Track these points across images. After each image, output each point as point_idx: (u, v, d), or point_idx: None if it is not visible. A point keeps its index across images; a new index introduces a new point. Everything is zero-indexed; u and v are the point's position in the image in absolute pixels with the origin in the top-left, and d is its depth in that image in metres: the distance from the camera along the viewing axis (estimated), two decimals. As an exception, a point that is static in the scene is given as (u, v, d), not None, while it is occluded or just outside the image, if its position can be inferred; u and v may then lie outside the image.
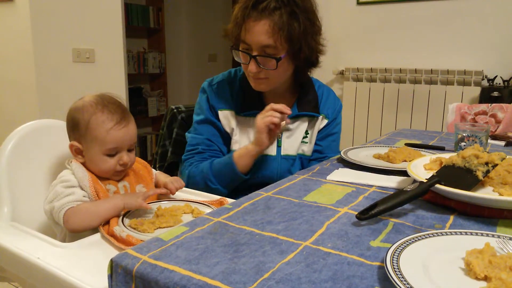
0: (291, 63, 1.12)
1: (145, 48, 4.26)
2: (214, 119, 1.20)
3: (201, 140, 1.20)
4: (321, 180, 0.89)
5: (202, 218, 0.66)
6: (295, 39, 1.06)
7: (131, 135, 0.91)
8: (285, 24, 1.04)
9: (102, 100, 0.89)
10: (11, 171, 0.94)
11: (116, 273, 0.52)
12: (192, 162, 1.19)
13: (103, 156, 0.88)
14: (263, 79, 1.12)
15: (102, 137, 0.86)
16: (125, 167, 0.91)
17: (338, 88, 3.21)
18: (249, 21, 1.05)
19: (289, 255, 0.53)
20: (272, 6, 1.04)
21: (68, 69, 2.81)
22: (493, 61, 2.62)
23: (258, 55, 1.07)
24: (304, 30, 1.07)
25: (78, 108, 0.89)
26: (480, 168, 0.73)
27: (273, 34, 1.04)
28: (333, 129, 1.27)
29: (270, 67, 1.08)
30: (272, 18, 1.04)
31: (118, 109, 0.90)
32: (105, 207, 0.81)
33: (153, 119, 4.37)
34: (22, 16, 2.82)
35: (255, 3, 1.05)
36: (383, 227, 0.63)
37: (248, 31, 1.06)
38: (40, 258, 0.69)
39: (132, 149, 0.92)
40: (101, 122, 0.87)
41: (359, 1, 3.01)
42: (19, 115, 3.07)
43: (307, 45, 1.09)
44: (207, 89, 1.22)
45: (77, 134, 0.89)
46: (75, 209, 0.81)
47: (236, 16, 1.08)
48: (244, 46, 1.09)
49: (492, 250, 0.50)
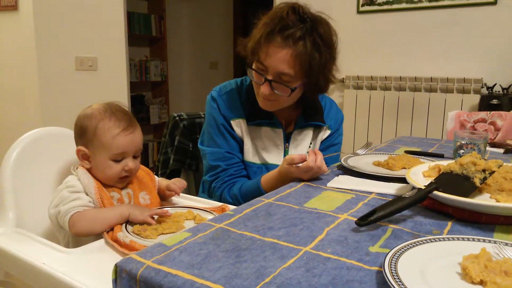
0: (302, 90, 1.12)
1: (147, 56, 4.30)
2: (230, 129, 1.19)
3: (221, 155, 1.19)
4: (322, 187, 0.90)
5: (204, 224, 0.67)
6: (313, 73, 1.06)
7: (137, 142, 0.93)
8: (307, 57, 1.03)
9: (110, 108, 0.92)
10: (16, 178, 0.96)
11: (120, 277, 0.53)
12: (220, 183, 1.18)
13: (109, 162, 0.90)
14: (272, 101, 1.11)
15: (109, 142, 0.89)
16: (130, 174, 0.92)
17: (339, 96, 3.23)
18: (272, 45, 1.03)
19: (289, 260, 0.54)
20: (298, 35, 1.02)
21: (71, 77, 2.84)
22: (492, 69, 2.64)
23: (274, 80, 1.06)
24: (324, 64, 1.06)
25: (87, 115, 0.91)
26: (477, 175, 0.74)
27: (294, 65, 1.03)
28: (335, 140, 1.28)
29: (283, 93, 1.07)
30: (296, 48, 1.02)
31: (125, 116, 0.92)
32: (111, 214, 0.83)
33: (155, 126, 4.39)
34: (26, 25, 2.85)
35: (282, 29, 1.03)
36: (382, 233, 0.64)
37: (269, 56, 1.04)
38: (45, 264, 0.70)
39: (137, 156, 0.94)
40: (108, 128, 0.89)
41: (359, 10, 3.04)
42: (23, 122, 3.10)
43: (323, 77, 1.09)
44: (218, 99, 1.20)
45: (85, 140, 0.91)
46: (81, 214, 0.83)
47: (259, 36, 1.05)
48: (260, 66, 1.07)
49: (488, 255, 0.51)
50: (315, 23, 1.05)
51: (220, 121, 1.19)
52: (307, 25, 1.04)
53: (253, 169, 1.20)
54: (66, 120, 0.96)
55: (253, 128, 1.20)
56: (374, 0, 2.97)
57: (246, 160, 1.21)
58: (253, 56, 1.09)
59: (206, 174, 1.23)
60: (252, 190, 1.12)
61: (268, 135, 1.20)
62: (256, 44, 1.07)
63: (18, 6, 2.92)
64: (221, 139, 1.19)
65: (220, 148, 1.19)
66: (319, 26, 1.05)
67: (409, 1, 2.84)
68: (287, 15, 1.04)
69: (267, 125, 1.19)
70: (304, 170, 0.95)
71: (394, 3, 2.89)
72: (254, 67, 1.10)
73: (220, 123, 1.19)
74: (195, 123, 1.52)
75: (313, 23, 1.04)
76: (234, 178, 1.18)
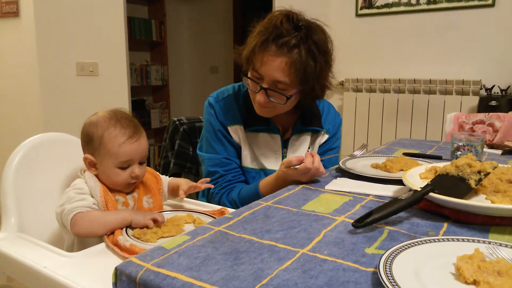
0: (298, 97, 1.13)
1: (147, 61, 4.32)
2: (227, 135, 1.20)
3: (219, 161, 1.20)
4: (320, 190, 0.91)
5: (203, 227, 0.68)
6: (309, 80, 1.06)
7: (143, 149, 0.94)
8: (302, 65, 1.03)
9: (115, 115, 0.93)
10: (18, 184, 0.97)
11: (120, 280, 0.54)
12: (218, 189, 1.19)
13: (116, 169, 0.91)
14: (268, 108, 1.12)
15: (115, 151, 0.90)
16: (137, 180, 0.94)
17: (338, 98, 3.24)
18: (267, 54, 1.04)
19: (286, 262, 0.55)
20: (292, 43, 1.02)
21: (72, 83, 2.86)
22: (490, 71, 2.65)
23: (269, 88, 1.07)
24: (319, 71, 1.07)
25: (93, 123, 0.93)
26: (473, 176, 0.75)
27: (289, 74, 1.04)
28: (333, 144, 1.29)
29: (278, 101, 1.08)
30: (290, 56, 1.02)
31: (130, 124, 0.93)
32: (113, 217, 0.84)
33: (156, 130, 4.41)
34: (27, 31, 2.88)
35: (276, 37, 1.03)
36: (379, 235, 0.65)
37: (264, 64, 1.05)
38: (46, 267, 0.71)
39: (143, 162, 0.95)
40: (114, 136, 0.90)
41: (358, 13, 3.06)
42: (24, 128, 3.11)
43: (319, 84, 1.10)
44: (215, 105, 1.21)
45: (91, 148, 0.92)
46: (84, 215, 0.84)
47: (254, 44, 1.06)
48: (256, 75, 1.08)
49: (482, 256, 0.52)
50: (309, 31, 1.05)
51: (217, 127, 1.20)
52: (302, 33, 1.04)
53: (251, 174, 1.21)
54: (68, 126, 0.97)
55: (251, 134, 1.21)
56: (373, 3, 2.99)
57: (244, 166, 1.21)
58: (248, 64, 1.10)
59: None
60: (250, 195, 1.12)
61: (265, 141, 1.21)
62: (251, 53, 1.07)
63: (20, 13, 2.94)
64: (218, 145, 1.20)
65: (218, 154, 1.20)
66: (313, 34, 1.05)
67: (408, 4, 2.86)
68: (281, 23, 1.04)
69: (265, 131, 1.20)
70: (302, 172, 0.96)
71: (393, 6, 2.91)
72: (250, 75, 1.11)
73: (217, 129, 1.20)
74: (195, 127, 1.53)
75: (307, 31, 1.04)
76: (232, 184, 1.19)
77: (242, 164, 1.22)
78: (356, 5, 3.06)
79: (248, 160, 1.21)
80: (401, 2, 2.88)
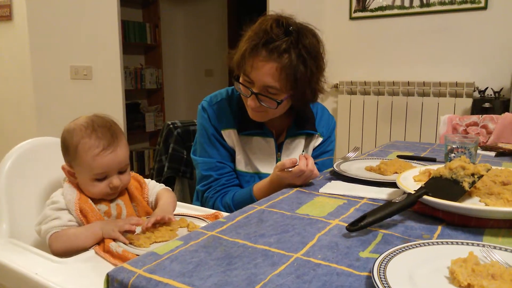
0: (290, 102, 1.12)
1: (142, 64, 4.31)
2: (220, 139, 1.20)
3: (213, 165, 1.19)
4: (314, 193, 0.91)
5: (196, 232, 0.67)
6: (300, 85, 1.06)
7: (120, 159, 0.90)
8: (292, 70, 1.02)
9: (92, 124, 0.89)
10: (10, 188, 0.96)
11: (112, 287, 0.53)
12: (212, 193, 1.18)
13: (92, 181, 0.88)
14: (261, 112, 1.11)
15: (89, 163, 0.87)
16: (116, 190, 0.91)
17: (333, 101, 3.25)
18: (257, 59, 1.04)
19: (280, 266, 0.55)
20: (283, 48, 1.02)
21: (66, 86, 2.84)
22: (484, 73, 2.67)
23: (260, 93, 1.06)
24: (310, 76, 1.06)
25: (70, 131, 0.90)
26: (466, 179, 0.75)
27: (279, 79, 1.03)
28: (327, 147, 1.29)
29: (270, 106, 1.08)
30: (280, 61, 1.02)
31: (107, 133, 0.89)
32: (84, 235, 0.82)
33: (151, 134, 4.40)
34: (20, 35, 2.87)
35: (266, 42, 1.02)
36: (373, 238, 0.64)
37: (254, 69, 1.05)
38: (38, 274, 0.70)
39: (123, 171, 0.92)
40: (88, 148, 0.87)
41: (352, 16, 3.07)
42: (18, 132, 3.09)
43: (310, 89, 1.09)
44: (208, 110, 1.21)
45: (68, 157, 0.91)
46: (58, 235, 0.83)
47: (244, 50, 1.06)
48: (247, 79, 1.08)
49: (476, 259, 0.52)
50: (300, 35, 1.04)
51: (211, 131, 1.19)
52: (292, 37, 1.03)
53: (245, 178, 1.21)
54: (62, 130, 0.95)
55: (244, 138, 1.20)
56: (367, 6, 3.00)
57: (239, 169, 1.21)
58: (239, 69, 1.10)
59: (198, 184, 1.23)
60: (244, 199, 1.12)
61: (259, 145, 1.20)
62: (241, 58, 1.07)
63: (13, 16, 2.93)
64: (212, 149, 1.20)
65: (212, 158, 1.19)
66: (304, 38, 1.04)
67: (401, 7, 2.87)
68: (271, 28, 1.03)
69: (258, 135, 1.20)
70: (296, 175, 0.95)
71: (386, 9, 2.93)
72: (241, 80, 1.10)
73: (211, 133, 1.19)
74: (189, 131, 1.52)
75: (298, 35, 1.04)
76: (226, 188, 1.19)
77: (236, 168, 1.21)
78: (349, 8, 3.07)
79: (242, 164, 1.20)
80: (394, 5, 2.89)
